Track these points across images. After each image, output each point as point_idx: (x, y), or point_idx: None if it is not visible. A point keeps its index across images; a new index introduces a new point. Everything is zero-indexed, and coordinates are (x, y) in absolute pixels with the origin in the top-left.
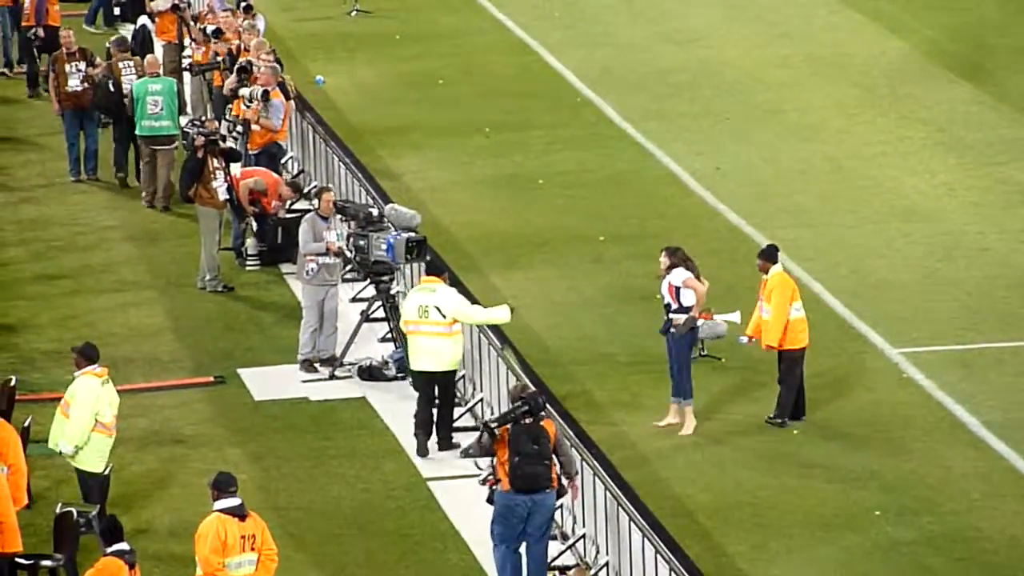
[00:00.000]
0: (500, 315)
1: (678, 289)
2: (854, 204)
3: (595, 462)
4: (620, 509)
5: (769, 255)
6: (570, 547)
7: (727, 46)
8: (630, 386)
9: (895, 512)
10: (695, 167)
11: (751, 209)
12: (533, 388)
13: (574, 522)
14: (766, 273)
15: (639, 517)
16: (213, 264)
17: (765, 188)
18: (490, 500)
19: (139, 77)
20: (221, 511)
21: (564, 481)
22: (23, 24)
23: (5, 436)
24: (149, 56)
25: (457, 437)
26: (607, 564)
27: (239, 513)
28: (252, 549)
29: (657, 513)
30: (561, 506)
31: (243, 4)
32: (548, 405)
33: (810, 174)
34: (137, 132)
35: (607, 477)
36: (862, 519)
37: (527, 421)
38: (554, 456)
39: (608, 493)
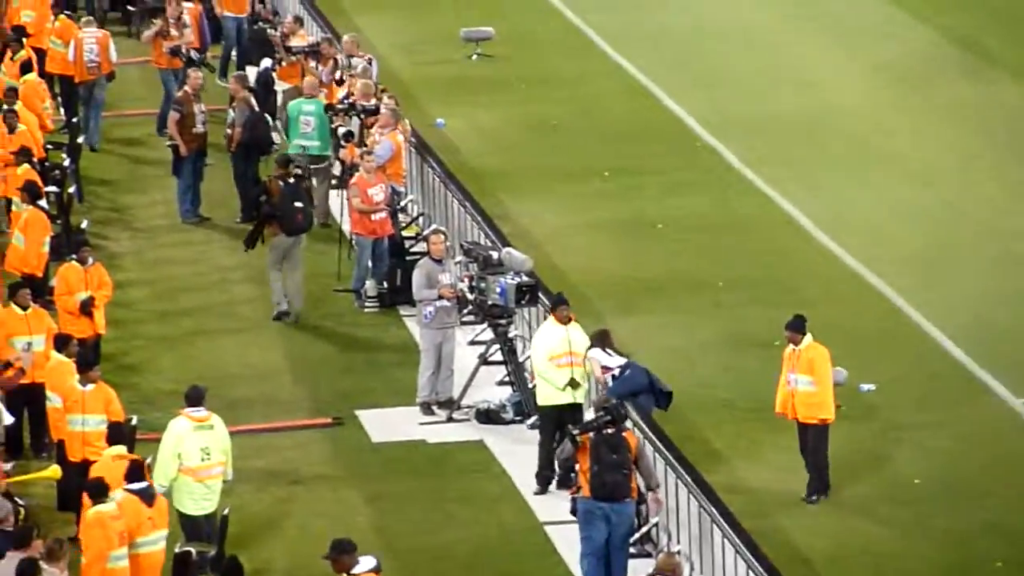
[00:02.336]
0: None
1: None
2: (973, 250)
3: (708, 505)
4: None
5: (798, 327)
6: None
7: (847, 91)
8: (747, 433)
9: (1017, 564)
10: (814, 212)
11: (871, 254)
12: (616, 400)
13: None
14: (796, 345)
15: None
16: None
17: (884, 233)
18: (573, 511)
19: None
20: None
21: (646, 493)
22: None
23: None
24: (307, 78)
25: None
26: None
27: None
28: None
29: (775, 561)
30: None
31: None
32: (665, 450)
33: (929, 219)
34: (289, 151)
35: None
36: (983, 571)
37: (609, 431)
38: (635, 467)
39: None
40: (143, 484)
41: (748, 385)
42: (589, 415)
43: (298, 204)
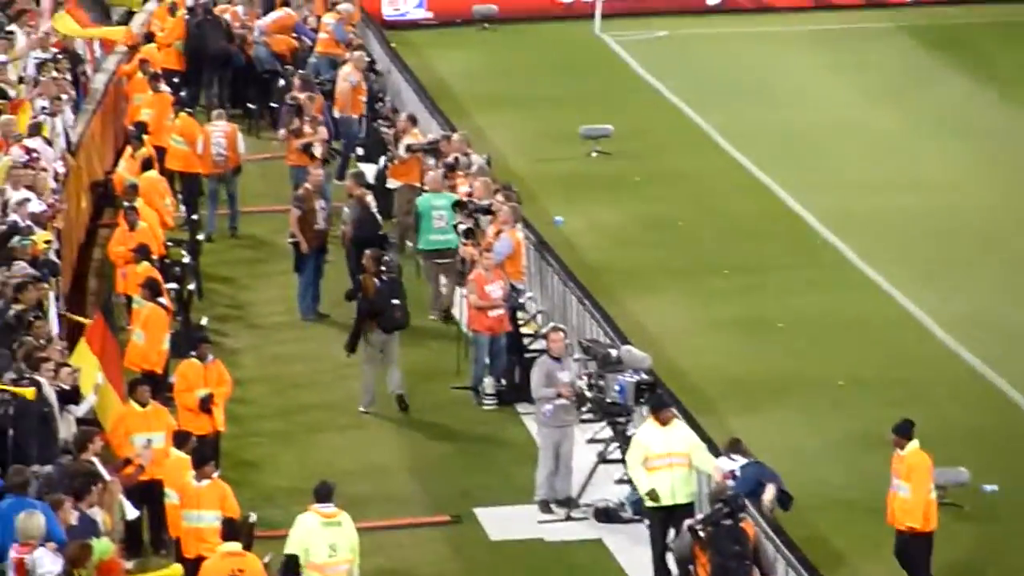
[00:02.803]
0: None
1: None
2: None
3: None
4: None
5: (903, 431)
6: None
7: (978, 192)
8: (870, 534)
9: None
10: (937, 311)
11: (994, 355)
12: (732, 490)
13: None
14: (901, 449)
15: None
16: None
17: (1014, 336)
18: None
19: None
20: None
21: None
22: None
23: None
24: (431, 174)
25: None
26: None
27: None
28: None
29: None
30: None
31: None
32: (788, 551)
33: None
34: (421, 247)
35: None
36: None
37: (727, 523)
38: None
39: None
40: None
41: (870, 485)
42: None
43: (395, 301)
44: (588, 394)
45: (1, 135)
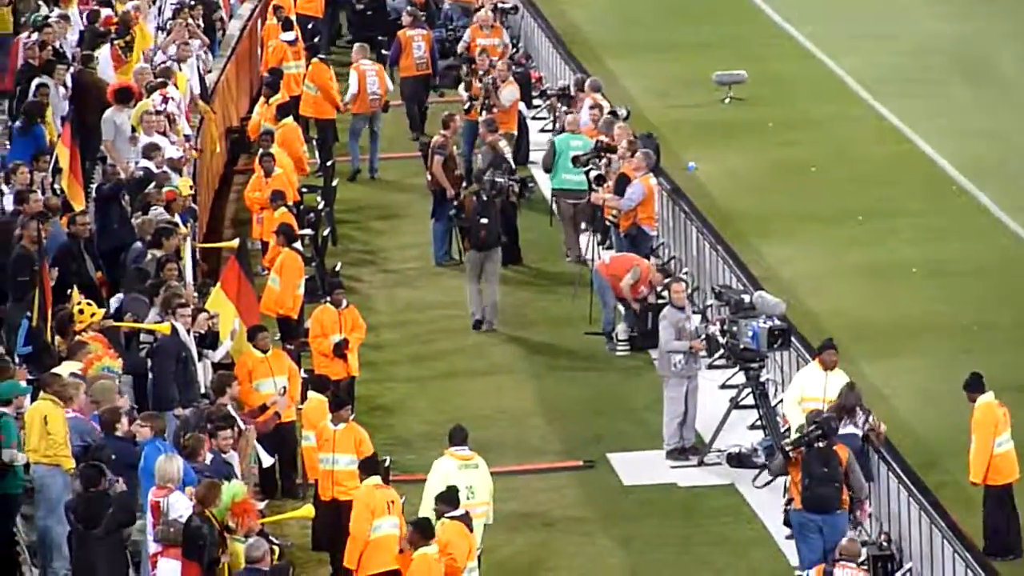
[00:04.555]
0: None
1: None
2: None
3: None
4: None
5: (974, 385)
6: None
7: None
8: None
9: None
10: None
11: None
12: (826, 414)
13: None
14: (973, 403)
15: None
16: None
17: None
18: (787, 522)
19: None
20: None
21: (856, 506)
22: None
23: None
24: (570, 116)
25: None
26: None
27: None
28: None
29: None
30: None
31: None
32: (920, 496)
33: None
34: (554, 186)
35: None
36: None
37: (820, 445)
38: (845, 480)
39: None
40: (462, 511)
41: None
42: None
43: (483, 220)
44: (721, 340)
45: (135, 82)
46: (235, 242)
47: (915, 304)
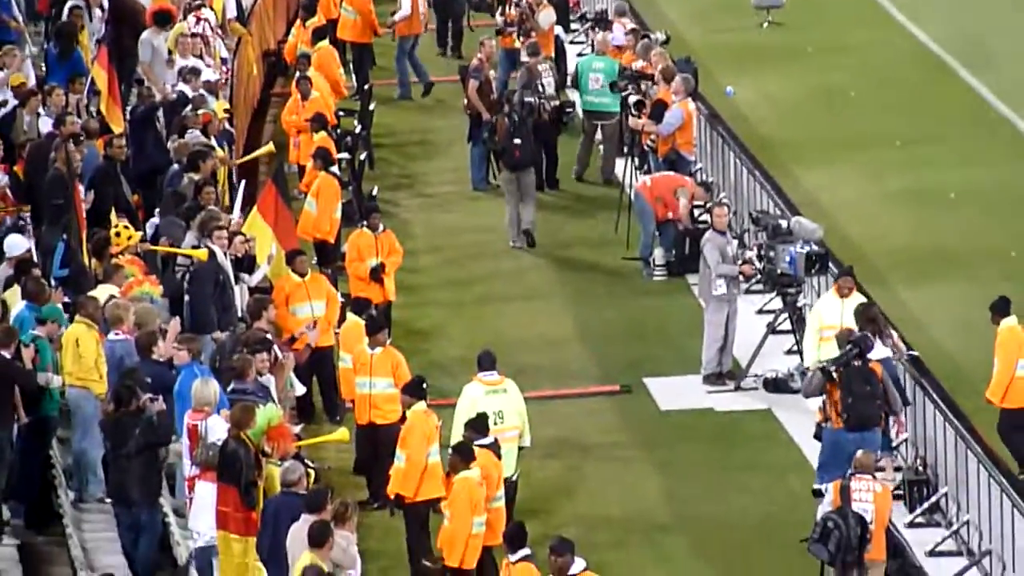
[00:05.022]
0: None
1: None
2: None
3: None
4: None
5: (999, 308)
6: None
7: None
8: None
9: None
10: None
11: None
12: (858, 333)
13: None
14: (997, 326)
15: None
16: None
17: None
18: (817, 436)
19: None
20: None
21: (891, 419)
22: None
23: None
24: (599, 36)
25: None
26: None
27: None
28: None
29: None
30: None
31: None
32: (956, 421)
33: None
34: (581, 107)
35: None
36: None
37: (857, 363)
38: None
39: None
40: (491, 439)
41: None
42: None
43: (516, 140)
44: (758, 265)
45: (172, 3)
46: (270, 146)
47: (954, 230)
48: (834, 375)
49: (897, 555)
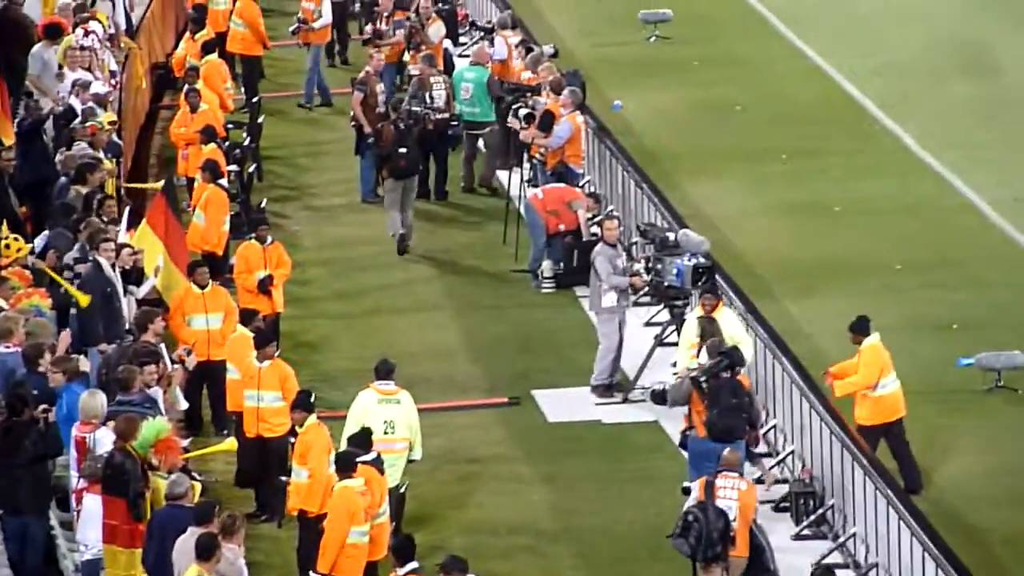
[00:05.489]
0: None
1: None
2: None
3: (887, 489)
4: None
5: (859, 328)
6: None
7: None
8: (925, 416)
9: None
10: (994, 197)
11: None
12: (727, 344)
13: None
14: (859, 345)
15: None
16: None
17: None
18: (683, 445)
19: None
20: None
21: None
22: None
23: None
24: (476, 47)
25: None
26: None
27: None
28: None
29: (950, 542)
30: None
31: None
32: (842, 431)
33: None
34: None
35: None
36: None
37: (726, 375)
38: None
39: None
40: (374, 454)
41: (924, 368)
42: None
43: (402, 149)
44: (645, 277)
45: (61, 17)
46: (160, 184)
47: (838, 243)
48: (703, 385)
49: (756, 555)
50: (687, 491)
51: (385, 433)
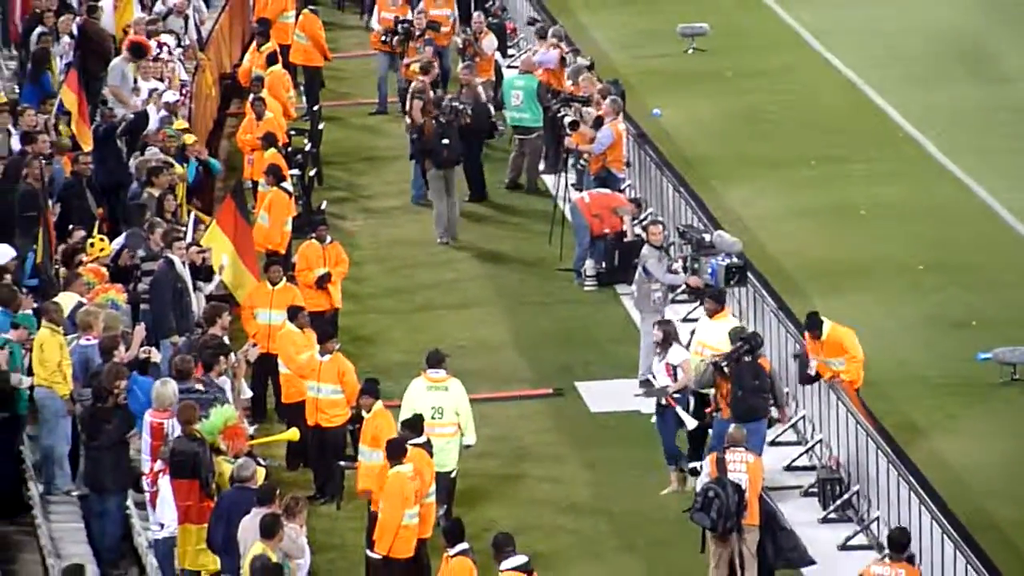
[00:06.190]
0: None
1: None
2: None
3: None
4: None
5: (813, 324)
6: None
7: None
8: (946, 407)
9: None
10: (1009, 201)
11: None
12: (750, 330)
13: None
14: (816, 340)
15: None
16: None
17: None
18: (708, 426)
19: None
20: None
21: (774, 410)
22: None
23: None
24: (524, 56)
25: None
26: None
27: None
28: None
29: (967, 525)
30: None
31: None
32: (866, 421)
33: None
34: (508, 121)
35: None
36: None
37: (748, 359)
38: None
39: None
40: (424, 438)
41: (946, 362)
42: None
43: (444, 141)
44: (683, 275)
45: (136, 32)
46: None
47: (865, 244)
48: (725, 370)
49: (769, 521)
50: (695, 472)
51: (433, 418)
